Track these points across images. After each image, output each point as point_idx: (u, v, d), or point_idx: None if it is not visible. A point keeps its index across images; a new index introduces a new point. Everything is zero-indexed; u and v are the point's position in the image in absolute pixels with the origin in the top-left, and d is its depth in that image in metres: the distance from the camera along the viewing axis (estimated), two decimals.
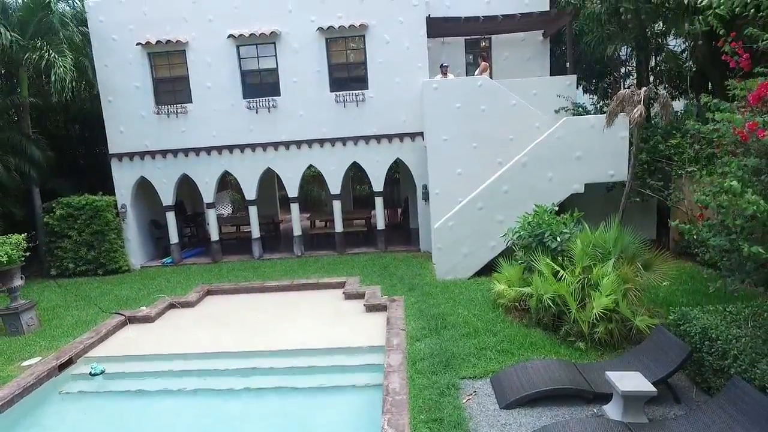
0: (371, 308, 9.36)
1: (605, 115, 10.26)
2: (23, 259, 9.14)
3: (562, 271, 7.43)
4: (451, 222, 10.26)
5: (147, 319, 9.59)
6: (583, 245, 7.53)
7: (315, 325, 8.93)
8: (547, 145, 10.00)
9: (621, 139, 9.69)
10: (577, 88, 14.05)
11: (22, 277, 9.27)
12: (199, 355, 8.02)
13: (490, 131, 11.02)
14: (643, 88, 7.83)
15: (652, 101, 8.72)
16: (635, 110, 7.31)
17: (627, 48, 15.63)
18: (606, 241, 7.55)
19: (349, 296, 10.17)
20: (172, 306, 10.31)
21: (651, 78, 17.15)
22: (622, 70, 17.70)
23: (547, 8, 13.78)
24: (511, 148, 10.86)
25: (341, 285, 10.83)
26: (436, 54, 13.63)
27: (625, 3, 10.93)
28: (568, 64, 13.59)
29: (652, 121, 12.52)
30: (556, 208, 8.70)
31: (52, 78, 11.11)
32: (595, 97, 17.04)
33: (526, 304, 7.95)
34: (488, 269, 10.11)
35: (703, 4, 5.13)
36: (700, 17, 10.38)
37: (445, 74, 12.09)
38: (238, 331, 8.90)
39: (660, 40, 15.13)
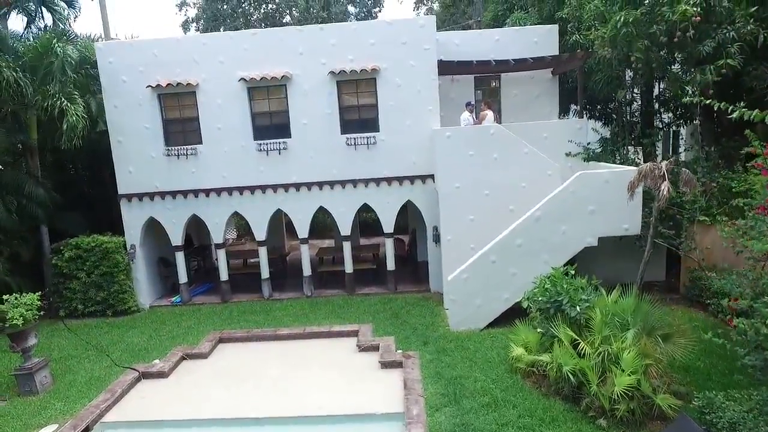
0: (386, 365, 9.33)
1: (619, 169, 10.36)
2: (37, 317, 9.08)
3: (581, 342, 7.44)
4: (465, 274, 10.26)
5: (161, 375, 9.54)
6: (603, 315, 7.55)
7: (330, 381, 8.92)
8: (561, 200, 10.02)
9: (636, 194, 9.69)
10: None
11: (36, 335, 9.22)
12: (215, 421, 8.00)
13: (502, 179, 11.05)
14: (665, 162, 7.85)
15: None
16: (662, 187, 7.33)
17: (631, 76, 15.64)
18: (624, 311, 7.58)
19: (362, 348, 10.15)
20: (184, 358, 10.27)
21: (656, 105, 17.21)
22: (627, 95, 17.73)
23: (556, 45, 13.83)
24: (523, 195, 10.91)
25: (354, 333, 10.82)
26: (445, 90, 13.65)
27: (636, 53, 10.95)
28: (578, 107, 13.62)
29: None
30: (573, 271, 8.69)
31: (64, 127, 11.06)
32: (599, 124, 17.10)
33: (544, 370, 7.96)
34: (502, 318, 10.18)
35: (734, 115, 5.20)
36: (711, 67, 10.44)
37: (471, 111, 12.12)
38: (253, 389, 8.87)
39: (666, 66, 15.10)
